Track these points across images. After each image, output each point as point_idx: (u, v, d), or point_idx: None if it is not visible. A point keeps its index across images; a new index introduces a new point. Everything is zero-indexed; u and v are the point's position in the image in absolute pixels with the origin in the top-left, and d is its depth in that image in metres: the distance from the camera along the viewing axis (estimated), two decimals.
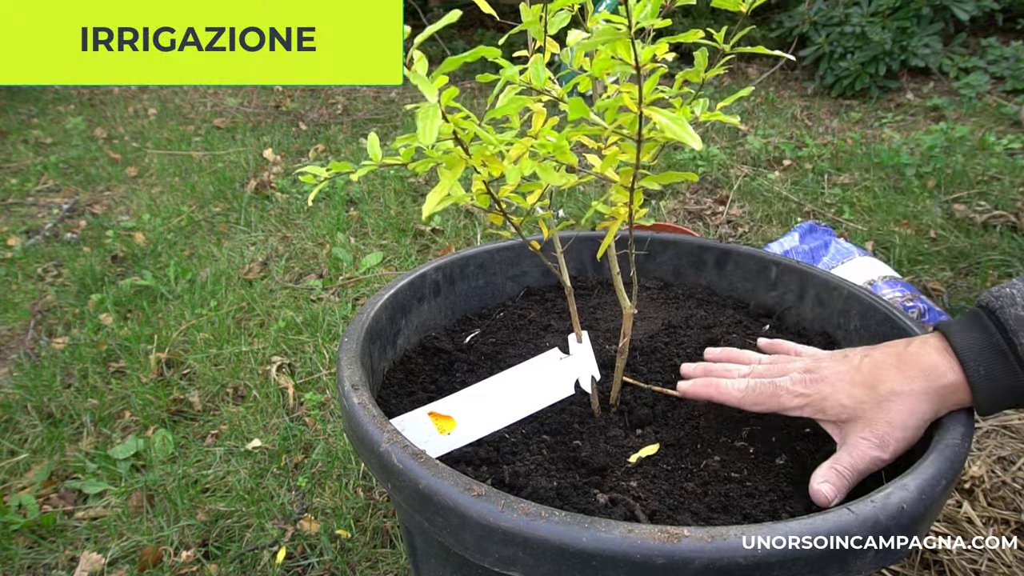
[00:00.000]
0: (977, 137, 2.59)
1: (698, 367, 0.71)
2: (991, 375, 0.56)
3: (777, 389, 0.63)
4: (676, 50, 0.55)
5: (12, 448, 1.33)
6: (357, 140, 3.06)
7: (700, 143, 0.48)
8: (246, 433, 1.32)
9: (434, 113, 0.46)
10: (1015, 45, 3.20)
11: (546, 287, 1.00)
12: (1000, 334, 0.56)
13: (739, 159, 2.59)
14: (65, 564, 1.07)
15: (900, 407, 0.58)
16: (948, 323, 0.60)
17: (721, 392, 0.65)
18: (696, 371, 0.71)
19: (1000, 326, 0.56)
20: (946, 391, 0.57)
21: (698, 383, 0.67)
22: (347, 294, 1.81)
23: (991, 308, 0.57)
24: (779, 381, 0.63)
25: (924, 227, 1.95)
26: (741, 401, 0.64)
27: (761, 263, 0.94)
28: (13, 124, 3.54)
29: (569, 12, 0.58)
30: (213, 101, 3.90)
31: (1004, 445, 1.15)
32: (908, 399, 0.58)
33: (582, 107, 0.50)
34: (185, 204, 2.45)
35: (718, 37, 0.60)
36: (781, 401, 0.62)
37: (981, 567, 0.95)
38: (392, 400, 0.75)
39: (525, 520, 0.47)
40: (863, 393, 0.59)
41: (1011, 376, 0.55)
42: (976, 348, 0.57)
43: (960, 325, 0.59)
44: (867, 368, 0.60)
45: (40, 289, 1.94)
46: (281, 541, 1.08)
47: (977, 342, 0.57)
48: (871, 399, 0.59)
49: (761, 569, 0.45)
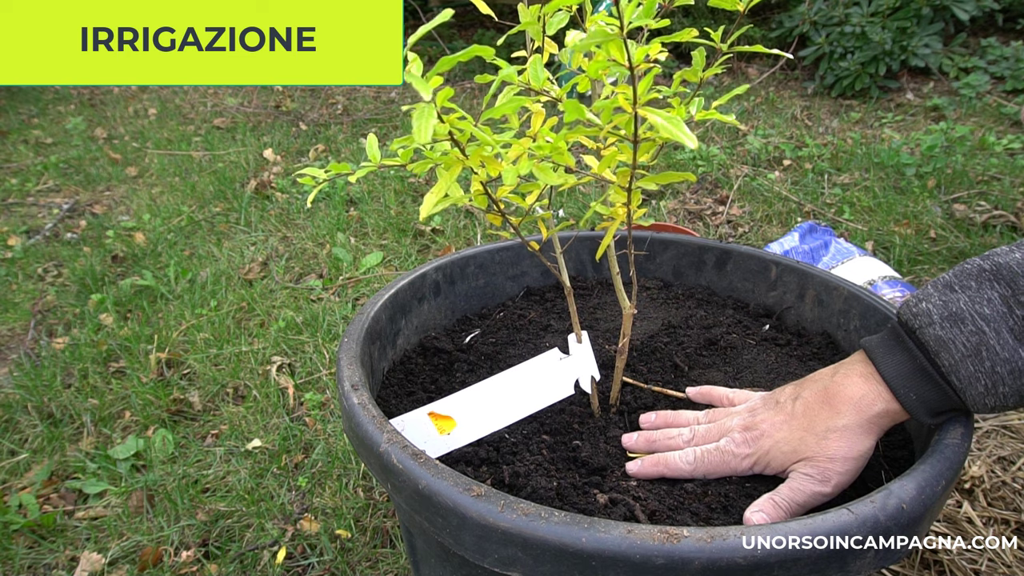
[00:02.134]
0: (977, 137, 2.59)
1: (640, 438, 0.69)
2: (922, 397, 0.57)
3: (723, 455, 0.63)
4: (676, 50, 0.55)
5: (12, 448, 1.33)
6: (357, 140, 3.06)
7: (695, 143, 0.48)
8: (246, 433, 1.32)
9: (429, 113, 0.46)
10: (1015, 45, 3.20)
11: (546, 287, 1.00)
12: (923, 356, 0.56)
13: (739, 159, 2.59)
14: (65, 564, 1.07)
15: (838, 443, 0.58)
16: (871, 343, 0.61)
17: (671, 468, 0.64)
18: (638, 443, 0.68)
19: (921, 347, 0.57)
20: (879, 418, 0.58)
21: (646, 462, 0.65)
22: (347, 294, 1.81)
23: (911, 327, 0.58)
24: (722, 445, 0.64)
25: (924, 227, 1.95)
26: (692, 473, 0.64)
27: (761, 263, 0.94)
28: (13, 124, 3.54)
29: (567, 13, 0.58)
30: (213, 101, 3.90)
31: (1004, 445, 1.15)
32: (844, 433, 0.58)
33: (579, 108, 0.50)
34: (185, 204, 2.45)
35: (715, 37, 0.60)
36: (731, 466, 0.63)
37: (981, 567, 0.95)
38: (392, 400, 0.75)
39: (525, 520, 0.47)
40: (802, 436, 0.60)
41: (941, 395, 0.56)
42: (902, 373, 0.57)
43: (883, 347, 0.59)
44: (800, 411, 0.61)
45: (40, 289, 1.94)
46: (281, 541, 1.08)
47: (903, 366, 0.57)
48: (811, 438, 0.59)
49: (761, 569, 0.45)
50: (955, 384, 0.55)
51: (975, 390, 0.54)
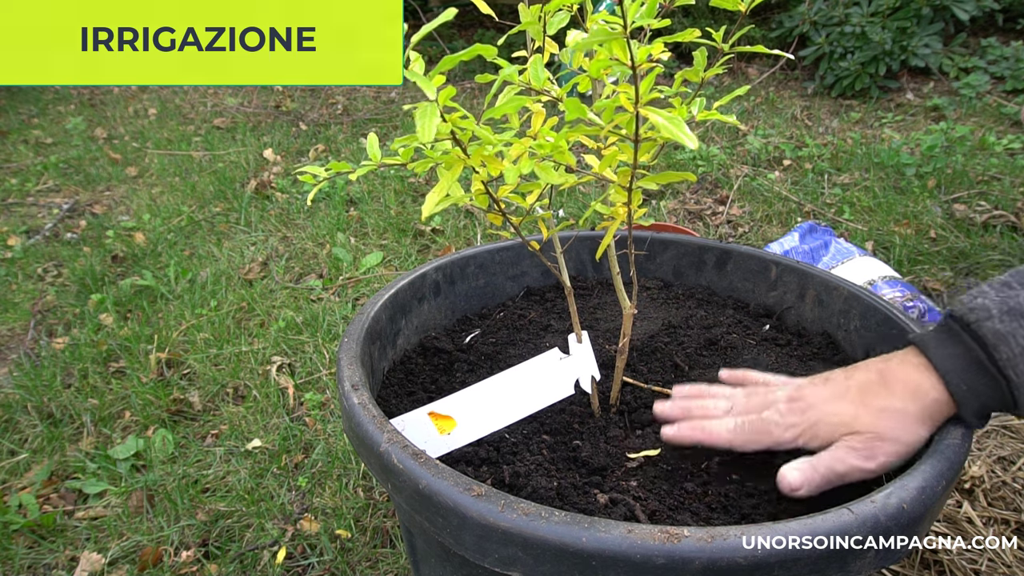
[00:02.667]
0: (977, 137, 2.59)
1: (674, 406, 0.67)
2: (975, 390, 0.56)
3: (767, 425, 0.61)
4: (677, 50, 0.55)
5: (12, 448, 1.33)
6: (357, 140, 3.06)
7: (695, 143, 0.48)
8: (246, 433, 1.32)
9: (432, 111, 0.46)
10: (1015, 45, 3.20)
11: (546, 287, 1.00)
12: (980, 349, 0.56)
13: (739, 159, 2.59)
14: (65, 564, 1.07)
15: (892, 423, 0.57)
16: (923, 337, 0.59)
17: (709, 435, 0.63)
18: (673, 411, 0.67)
19: (979, 341, 0.56)
20: (934, 408, 0.57)
21: (683, 427, 0.64)
22: (347, 294, 1.81)
23: (966, 321, 0.57)
24: (766, 415, 0.61)
25: (924, 227, 1.95)
26: (732, 442, 0.62)
27: (761, 263, 0.94)
28: (13, 124, 3.54)
29: (568, 12, 0.58)
30: (213, 101, 3.90)
31: (1004, 445, 1.15)
32: (900, 416, 0.57)
33: (579, 107, 0.50)
34: (185, 204, 2.45)
35: (717, 37, 0.60)
36: (774, 436, 0.61)
37: (981, 567, 0.95)
38: (392, 400, 0.75)
39: (525, 520, 0.47)
40: (855, 409, 0.58)
41: (995, 389, 0.55)
42: (958, 365, 0.56)
43: (936, 340, 0.58)
44: (853, 387, 0.60)
45: (40, 289, 1.94)
46: (281, 541, 1.08)
47: (958, 359, 0.56)
48: (864, 413, 0.58)
49: (761, 569, 0.45)
50: (1012, 378, 0.54)
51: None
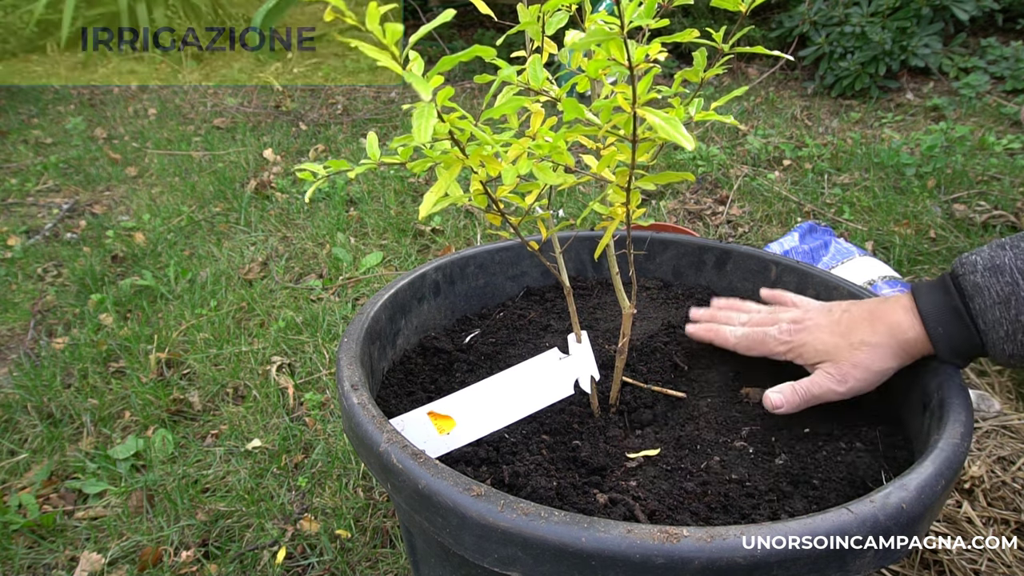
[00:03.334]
0: (977, 137, 2.59)
1: (705, 312, 0.83)
2: (949, 333, 0.64)
3: (766, 337, 0.73)
4: (677, 50, 0.55)
5: (12, 448, 1.33)
6: (357, 140, 3.06)
7: (692, 143, 0.48)
8: (246, 433, 1.32)
9: (430, 112, 0.46)
10: (1015, 45, 3.19)
11: (546, 287, 1.00)
12: (959, 298, 0.63)
13: (739, 159, 2.58)
14: (65, 564, 1.07)
15: (865, 355, 0.66)
16: (919, 286, 0.68)
17: (720, 336, 0.77)
18: (703, 315, 0.83)
19: (960, 291, 0.64)
20: (908, 345, 0.66)
21: (701, 327, 0.78)
22: (347, 294, 1.81)
23: (956, 273, 0.65)
24: (768, 330, 0.73)
25: (924, 227, 1.95)
26: (736, 346, 0.75)
27: (761, 263, 0.94)
28: (13, 124, 3.54)
29: (567, 12, 0.58)
30: (213, 101, 3.89)
31: (1004, 445, 1.15)
32: (874, 349, 0.66)
33: (578, 107, 0.50)
34: (185, 204, 2.45)
35: (717, 37, 0.60)
36: (768, 347, 0.73)
37: (981, 567, 0.95)
38: (392, 400, 0.75)
39: (524, 520, 0.47)
40: (837, 340, 0.68)
41: (966, 334, 0.63)
42: (937, 309, 0.64)
43: (928, 288, 0.67)
44: (845, 321, 0.69)
45: (40, 289, 1.94)
46: (281, 541, 1.08)
47: (938, 304, 0.65)
48: (843, 346, 0.67)
49: (761, 569, 0.45)
50: (980, 326, 0.62)
51: (996, 334, 0.61)
